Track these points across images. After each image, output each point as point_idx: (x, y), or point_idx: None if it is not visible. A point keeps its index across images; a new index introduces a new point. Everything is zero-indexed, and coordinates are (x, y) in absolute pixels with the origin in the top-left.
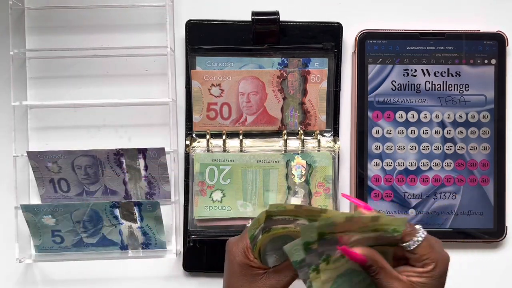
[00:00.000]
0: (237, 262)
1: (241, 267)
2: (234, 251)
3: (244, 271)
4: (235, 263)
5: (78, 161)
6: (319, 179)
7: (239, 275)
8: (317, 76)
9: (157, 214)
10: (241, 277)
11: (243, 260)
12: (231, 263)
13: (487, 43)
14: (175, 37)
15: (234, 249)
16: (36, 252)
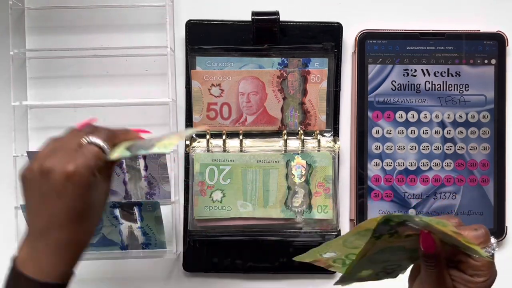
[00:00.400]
0: (86, 183)
1: (90, 187)
2: (80, 171)
3: (91, 189)
4: (82, 185)
5: None
6: (319, 179)
7: (87, 196)
8: (317, 76)
9: (157, 214)
10: (88, 196)
11: (92, 179)
12: (76, 185)
13: (487, 43)
14: (175, 37)
15: (79, 169)
16: None
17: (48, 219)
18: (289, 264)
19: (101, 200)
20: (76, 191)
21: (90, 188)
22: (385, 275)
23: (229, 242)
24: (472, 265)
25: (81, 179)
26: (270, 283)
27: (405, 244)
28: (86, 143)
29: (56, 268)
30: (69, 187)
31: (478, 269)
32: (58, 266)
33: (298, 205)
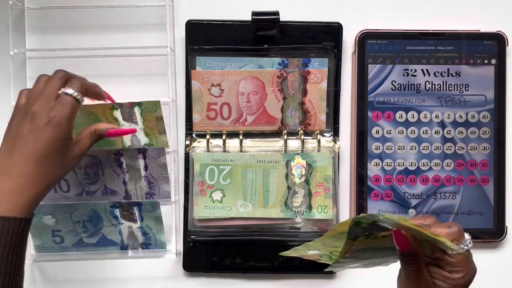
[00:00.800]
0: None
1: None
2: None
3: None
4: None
5: None
6: (319, 179)
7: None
8: (317, 76)
9: (157, 214)
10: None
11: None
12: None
13: (487, 43)
14: (175, 37)
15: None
16: (36, 252)
17: (18, 157)
18: (289, 264)
19: (69, 157)
20: (53, 134)
21: (64, 136)
22: (374, 265)
23: (229, 242)
24: (449, 262)
25: (59, 125)
26: (270, 283)
27: (384, 243)
28: (63, 94)
29: (16, 204)
30: (47, 131)
31: (455, 265)
32: (17, 202)
33: (298, 205)
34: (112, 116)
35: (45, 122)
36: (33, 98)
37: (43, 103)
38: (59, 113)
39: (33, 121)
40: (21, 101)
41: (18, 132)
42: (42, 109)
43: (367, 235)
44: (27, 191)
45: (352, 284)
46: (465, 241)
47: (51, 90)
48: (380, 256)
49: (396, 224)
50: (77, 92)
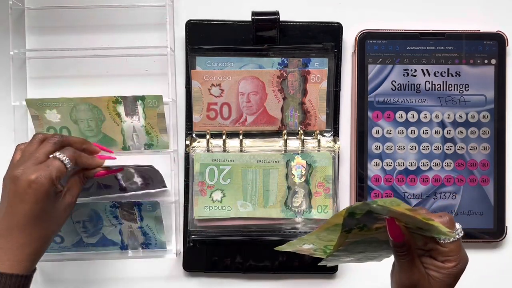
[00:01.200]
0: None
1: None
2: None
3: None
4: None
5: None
6: (319, 179)
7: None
8: (317, 76)
9: (157, 214)
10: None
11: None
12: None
13: (487, 43)
14: (175, 37)
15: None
16: None
17: (11, 221)
18: (289, 264)
19: (60, 209)
20: (36, 196)
21: (48, 196)
22: (367, 260)
23: (229, 242)
24: (441, 251)
25: (41, 187)
26: (270, 283)
27: (378, 236)
28: (52, 157)
29: (16, 262)
30: (30, 193)
31: (447, 254)
32: (17, 261)
33: (298, 205)
34: (115, 111)
35: (26, 185)
36: (22, 160)
37: (28, 166)
38: (42, 176)
39: (16, 184)
40: (16, 157)
41: (6, 196)
42: (25, 171)
43: (361, 227)
44: (25, 248)
45: (352, 284)
46: (457, 230)
47: (42, 154)
48: (373, 249)
49: (390, 211)
50: (67, 158)
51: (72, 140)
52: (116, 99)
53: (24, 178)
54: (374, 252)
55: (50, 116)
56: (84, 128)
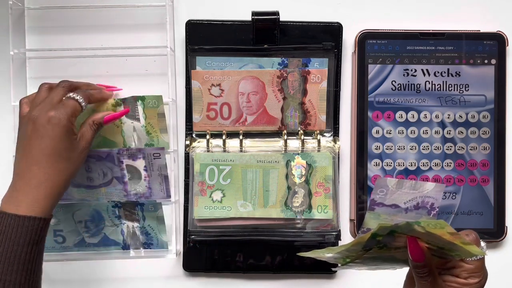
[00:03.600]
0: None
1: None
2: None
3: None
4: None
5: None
6: (319, 179)
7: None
8: (317, 76)
9: (159, 214)
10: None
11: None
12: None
13: (487, 43)
14: (175, 37)
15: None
16: None
17: (29, 158)
18: (289, 264)
19: (77, 151)
20: (54, 132)
21: (66, 133)
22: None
23: (229, 242)
24: (467, 268)
25: (60, 122)
26: (270, 283)
27: (396, 255)
28: (66, 97)
29: (33, 203)
30: (49, 129)
31: (473, 271)
32: (35, 201)
33: (298, 205)
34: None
35: (45, 121)
36: (35, 105)
37: (45, 106)
38: (59, 112)
39: (35, 122)
40: (24, 110)
41: (23, 136)
42: (42, 110)
43: (380, 247)
44: (43, 189)
45: (352, 284)
46: (483, 248)
47: (55, 96)
48: (389, 264)
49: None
50: (81, 98)
51: (79, 83)
52: (116, 102)
53: (43, 115)
54: (389, 265)
55: None
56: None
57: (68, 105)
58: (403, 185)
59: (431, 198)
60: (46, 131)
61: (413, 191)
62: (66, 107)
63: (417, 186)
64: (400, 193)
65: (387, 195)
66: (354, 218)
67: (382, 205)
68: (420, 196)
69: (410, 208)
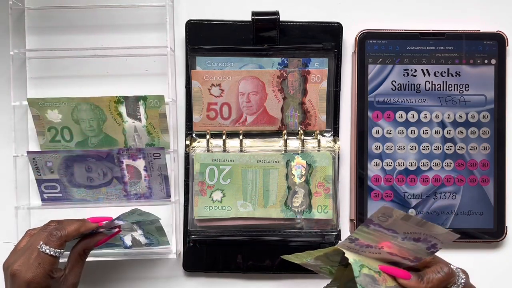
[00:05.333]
0: (45, 286)
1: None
2: (36, 280)
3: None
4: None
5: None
6: (319, 179)
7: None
8: (317, 76)
9: (157, 225)
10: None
11: (48, 281)
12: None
13: (487, 43)
14: (175, 37)
15: (36, 278)
16: None
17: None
18: (289, 264)
19: (66, 283)
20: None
21: (48, 284)
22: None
23: (229, 242)
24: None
25: (38, 286)
26: (270, 283)
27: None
28: (41, 252)
29: None
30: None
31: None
32: None
33: (298, 205)
34: (117, 111)
35: (25, 286)
36: (16, 255)
37: (22, 262)
38: (37, 274)
39: (16, 283)
40: (21, 243)
41: (9, 287)
42: (20, 269)
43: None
44: None
45: None
46: (458, 279)
47: (33, 246)
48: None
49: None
50: (54, 249)
51: (69, 232)
52: (118, 99)
53: (21, 277)
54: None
55: (51, 116)
56: (85, 128)
57: (44, 263)
58: (410, 219)
59: (438, 241)
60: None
61: (420, 228)
62: (43, 265)
63: (427, 225)
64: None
65: (386, 222)
66: (354, 218)
67: (379, 226)
68: (425, 234)
69: (409, 238)
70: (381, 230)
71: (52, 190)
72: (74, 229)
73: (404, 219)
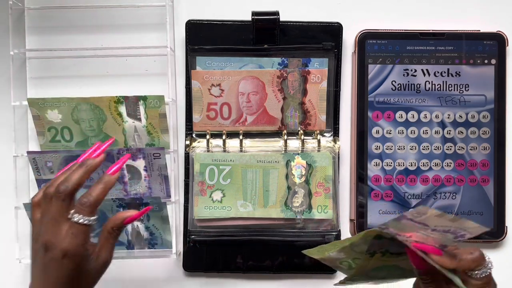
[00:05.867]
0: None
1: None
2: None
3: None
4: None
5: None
6: (319, 179)
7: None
8: (317, 76)
9: (163, 214)
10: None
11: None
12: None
13: (487, 43)
14: (175, 37)
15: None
16: None
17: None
18: (289, 264)
19: (97, 269)
20: (72, 265)
21: (83, 260)
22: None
23: (229, 242)
24: (474, 284)
25: (75, 255)
26: (270, 283)
27: (400, 263)
28: (73, 222)
29: None
30: (65, 263)
31: (483, 286)
32: None
33: (298, 205)
34: (117, 111)
35: (61, 255)
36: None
37: (55, 233)
38: (72, 245)
39: (50, 254)
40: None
41: (39, 262)
42: (54, 240)
43: (383, 252)
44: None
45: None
46: (488, 264)
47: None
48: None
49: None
50: (85, 217)
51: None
52: (118, 99)
53: (56, 248)
54: (393, 278)
55: (51, 116)
56: (85, 128)
57: (78, 234)
58: (443, 217)
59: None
60: (63, 265)
61: (451, 223)
62: (77, 236)
63: (459, 221)
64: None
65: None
66: (354, 218)
67: (411, 221)
68: (455, 227)
69: (438, 230)
70: (412, 224)
71: None
72: (99, 191)
73: (438, 216)
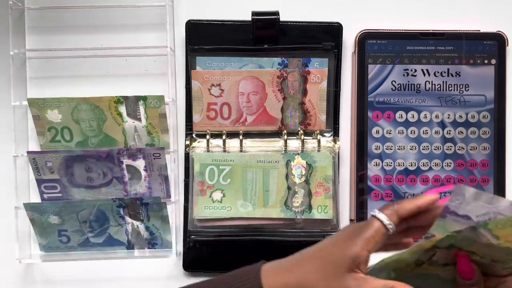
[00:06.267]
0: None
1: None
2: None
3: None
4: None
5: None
6: (319, 179)
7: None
8: (317, 76)
9: (163, 213)
10: None
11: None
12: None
13: (487, 43)
14: (175, 37)
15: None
16: (42, 251)
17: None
18: None
19: None
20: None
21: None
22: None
23: (229, 242)
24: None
25: (361, 258)
26: None
27: (441, 273)
28: (373, 217)
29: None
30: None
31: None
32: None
33: (298, 205)
34: (117, 111)
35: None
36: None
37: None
38: (360, 242)
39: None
40: None
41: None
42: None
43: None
44: None
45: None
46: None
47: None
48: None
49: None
50: (388, 219)
51: (404, 205)
52: (118, 99)
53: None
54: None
55: (51, 116)
56: (85, 128)
57: (374, 227)
58: (480, 197)
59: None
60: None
61: (488, 205)
62: (372, 228)
63: (494, 200)
64: (476, 205)
65: (462, 204)
66: (354, 218)
67: (454, 214)
68: (493, 212)
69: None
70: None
71: (52, 190)
72: (411, 205)
73: (475, 197)
